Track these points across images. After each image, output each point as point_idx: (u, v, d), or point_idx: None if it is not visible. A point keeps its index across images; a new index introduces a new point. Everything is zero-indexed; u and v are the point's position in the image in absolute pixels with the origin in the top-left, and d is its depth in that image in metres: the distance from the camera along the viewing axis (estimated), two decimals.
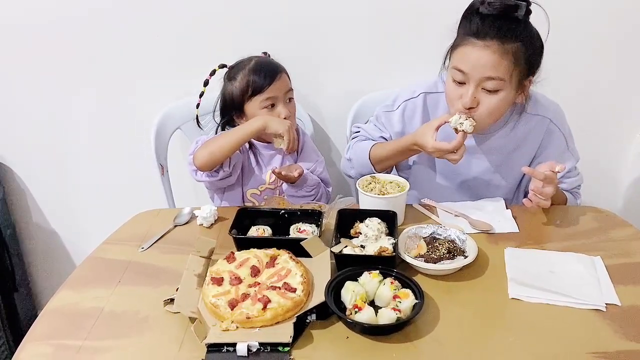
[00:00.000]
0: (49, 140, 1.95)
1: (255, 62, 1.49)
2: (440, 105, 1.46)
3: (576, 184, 1.48)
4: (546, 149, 1.44)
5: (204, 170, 1.44)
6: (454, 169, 1.46)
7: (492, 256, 1.18)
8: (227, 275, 1.07)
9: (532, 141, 1.44)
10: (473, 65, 1.24)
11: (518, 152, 1.45)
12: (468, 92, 1.26)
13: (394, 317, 0.95)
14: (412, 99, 1.49)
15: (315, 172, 1.57)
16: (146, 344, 0.96)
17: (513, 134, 1.42)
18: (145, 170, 1.81)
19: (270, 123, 1.41)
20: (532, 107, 1.40)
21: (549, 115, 1.42)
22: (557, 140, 1.43)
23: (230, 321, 0.97)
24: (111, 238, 1.31)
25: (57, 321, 1.02)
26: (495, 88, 1.25)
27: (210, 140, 1.44)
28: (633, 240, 1.24)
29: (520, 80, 1.28)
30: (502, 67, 1.23)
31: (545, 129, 1.42)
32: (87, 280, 1.15)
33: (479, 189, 1.50)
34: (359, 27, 1.75)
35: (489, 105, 1.27)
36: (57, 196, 2.05)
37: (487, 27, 1.23)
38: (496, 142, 1.44)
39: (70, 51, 1.80)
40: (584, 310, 1.01)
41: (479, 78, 1.25)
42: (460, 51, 1.27)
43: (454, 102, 1.31)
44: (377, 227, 1.20)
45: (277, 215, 1.30)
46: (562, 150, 1.43)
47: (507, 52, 1.22)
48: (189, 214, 1.38)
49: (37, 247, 2.15)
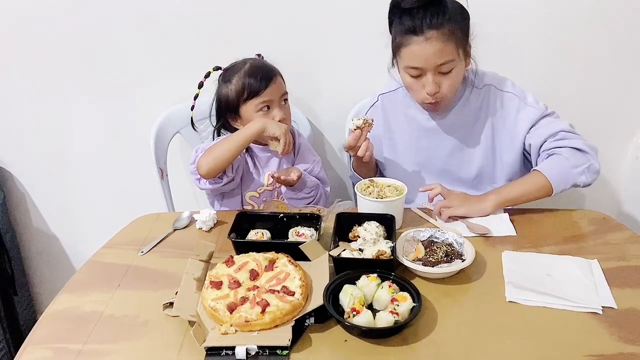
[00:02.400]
0: (49, 144, 1.95)
1: (250, 65, 1.50)
2: (398, 101, 1.56)
3: (571, 145, 1.38)
4: (505, 115, 1.46)
5: (208, 178, 1.44)
6: (425, 156, 1.55)
7: (489, 259, 1.19)
8: (226, 279, 1.08)
9: (487, 112, 1.48)
10: (424, 60, 1.33)
11: (478, 125, 1.50)
12: (429, 81, 1.35)
13: (392, 320, 0.95)
14: (375, 104, 1.61)
15: (312, 172, 1.58)
16: (145, 347, 0.96)
17: (467, 109, 1.48)
18: (144, 174, 1.81)
19: (268, 125, 1.42)
20: (479, 81, 1.48)
21: (493, 83, 1.47)
22: (510, 102, 1.46)
23: (229, 325, 0.97)
24: (110, 242, 1.32)
25: (57, 325, 1.03)
26: (450, 68, 1.35)
27: (211, 147, 1.45)
28: (629, 244, 1.25)
29: (465, 49, 1.37)
30: (448, 50, 1.32)
31: (492, 96, 1.47)
32: (87, 284, 1.15)
33: (457, 170, 1.54)
34: (356, 29, 1.76)
35: (450, 83, 1.37)
36: (57, 200, 2.06)
37: (419, 21, 1.30)
38: (454, 119, 1.49)
39: (70, 56, 1.81)
40: (581, 313, 1.02)
41: (433, 67, 1.33)
42: (406, 51, 1.35)
43: (418, 92, 1.40)
44: (375, 230, 1.21)
45: (275, 219, 1.30)
46: (519, 107, 1.44)
47: (447, 36, 1.30)
48: (188, 218, 1.39)
49: (37, 251, 2.15)
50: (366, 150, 1.42)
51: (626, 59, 1.81)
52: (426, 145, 1.54)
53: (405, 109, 1.55)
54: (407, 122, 1.56)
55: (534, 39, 1.79)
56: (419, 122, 1.53)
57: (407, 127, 1.56)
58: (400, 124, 1.57)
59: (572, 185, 1.37)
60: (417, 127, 1.54)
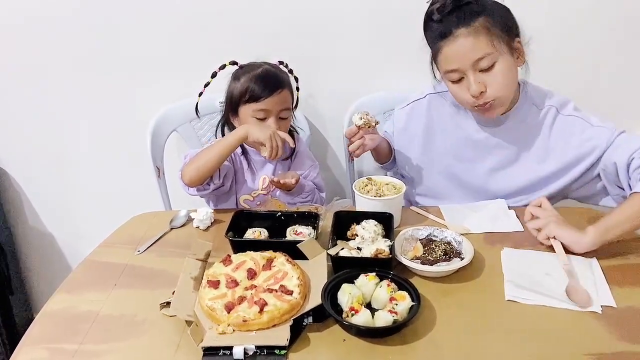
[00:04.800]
0: (45, 143, 1.94)
1: (262, 70, 1.48)
2: (447, 103, 1.49)
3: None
4: (566, 138, 1.38)
5: (192, 187, 1.43)
6: (464, 167, 1.48)
7: (488, 258, 1.18)
8: (224, 278, 1.07)
9: (544, 134, 1.40)
10: (458, 59, 1.27)
11: (530, 145, 1.41)
12: (470, 81, 1.28)
13: (390, 319, 0.95)
14: (420, 99, 1.54)
15: (308, 177, 1.57)
16: (142, 347, 0.96)
17: (524, 125, 1.40)
18: (141, 172, 1.80)
19: (251, 131, 1.39)
20: (540, 100, 1.40)
21: (556, 105, 1.39)
22: (572, 126, 1.37)
23: (226, 324, 0.97)
24: (107, 241, 1.31)
25: (53, 325, 1.02)
26: (490, 63, 1.27)
27: (196, 155, 1.43)
28: (629, 242, 1.24)
29: (508, 44, 1.29)
30: (481, 43, 1.25)
31: (552, 118, 1.39)
32: (83, 283, 1.14)
33: (493, 188, 1.46)
34: (356, 29, 1.75)
35: (495, 80, 1.29)
36: (53, 199, 2.05)
37: (447, 24, 1.27)
38: (507, 133, 1.41)
39: (66, 56, 1.80)
40: (580, 312, 1.01)
41: (470, 65, 1.27)
42: (440, 58, 1.31)
43: (464, 97, 1.33)
44: (373, 229, 1.20)
45: (273, 217, 1.30)
46: (583, 129, 1.36)
47: (477, 29, 1.25)
48: (185, 217, 1.38)
49: (34, 250, 2.14)
50: (357, 148, 1.41)
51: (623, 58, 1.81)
52: (469, 156, 1.47)
53: (454, 113, 1.48)
54: (453, 126, 1.48)
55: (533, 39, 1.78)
56: (467, 132, 1.46)
57: (452, 132, 1.48)
58: (444, 127, 1.50)
59: None
60: (464, 136, 1.46)
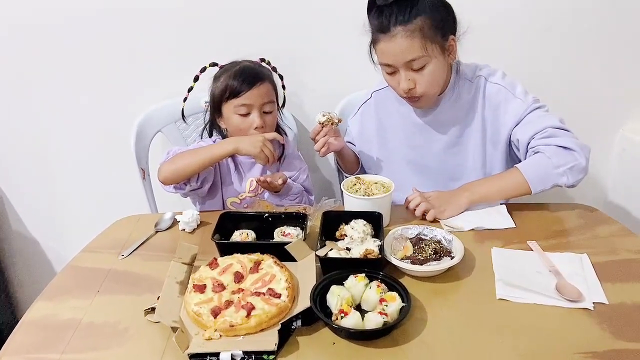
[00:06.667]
0: (27, 145, 1.90)
1: (240, 67, 1.47)
2: (390, 97, 1.52)
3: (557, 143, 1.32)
4: (494, 108, 1.43)
5: (165, 185, 1.42)
6: (419, 153, 1.52)
7: (478, 256, 1.17)
8: (210, 282, 1.05)
9: (477, 105, 1.45)
10: (392, 57, 1.32)
11: (470, 119, 1.46)
12: (402, 78, 1.35)
13: (380, 321, 0.93)
14: (367, 101, 1.60)
15: (297, 180, 1.55)
16: (126, 355, 0.93)
17: (459, 103, 1.45)
18: (126, 174, 1.77)
19: (241, 146, 1.39)
20: (471, 73, 1.45)
21: (483, 74, 1.44)
22: (497, 94, 1.42)
23: (213, 330, 0.94)
24: (90, 246, 1.28)
25: (34, 334, 0.99)
26: (421, 65, 1.32)
27: (178, 155, 1.41)
28: (619, 237, 1.24)
29: (441, 45, 1.33)
30: (415, 46, 1.29)
31: (481, 88, 1.44)
32: (65, 290, 1.11)
33: (451, 167, 1.51)
34: (342, 26, 1.73)
35: (424, 79, 1.34)
36: (36, 203, 2.01)
37: (387, 19, 1.29)
38: (446, 113, 1.46)
39: (48, 56, 1.76)
40: (572, 309, 1.00)
41: (402, 64, 1.32)
42: (377, 48, 1.35)
43: (396, 89, 1.40)
44: (362, 229, 1.19)
45: (260, 218, 1.28)
46: (507, 99, 1.41)
47: (413, 32, 1.28)
48: (170, 219, 1.36)
49: (17, 255, 2.09)
50: (322, 146, 1.42)
51: (609, 54, 1.82)
52: (420, 142, 1.51)
53: (398, 105, 1.52)
54: (399, 118, 1.53)
55: (521, 32, 1.78)
56: (411, 119, 1.50)
57: (400, 123, 1.53)
58: (392, 121, 1.55)
59: (554, 186, 1.32)
60: (411, 124, 1.51)
